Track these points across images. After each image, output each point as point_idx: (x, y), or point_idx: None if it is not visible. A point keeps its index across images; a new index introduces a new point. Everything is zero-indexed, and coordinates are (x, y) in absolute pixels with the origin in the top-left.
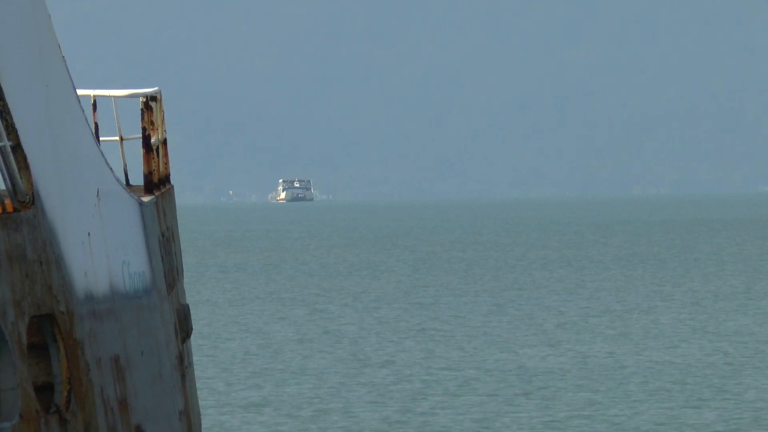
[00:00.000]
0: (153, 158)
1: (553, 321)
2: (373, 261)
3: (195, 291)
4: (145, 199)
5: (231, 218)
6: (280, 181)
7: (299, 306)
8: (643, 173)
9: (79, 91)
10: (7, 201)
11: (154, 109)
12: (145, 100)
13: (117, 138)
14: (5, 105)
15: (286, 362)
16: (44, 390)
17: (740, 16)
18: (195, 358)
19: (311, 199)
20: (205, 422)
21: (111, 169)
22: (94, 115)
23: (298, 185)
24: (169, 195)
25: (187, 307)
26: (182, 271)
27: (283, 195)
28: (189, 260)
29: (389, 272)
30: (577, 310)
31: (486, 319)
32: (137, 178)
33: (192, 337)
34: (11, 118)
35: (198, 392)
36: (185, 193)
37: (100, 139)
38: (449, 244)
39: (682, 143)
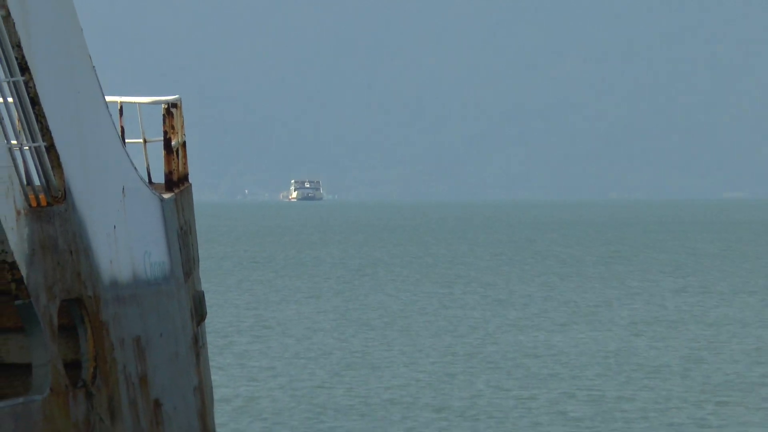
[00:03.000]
0: (173, 159)
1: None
2: (386, 254)
3: (211, 279)
4: (166, 195)
5: (251, 214)
6: (292, 181)
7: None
8: (619, 179)
9: (107, 98)
10: (41, 196)
11: (174, 115)
12: (166, 106)
13: (141, 140)
14: (41, 109)
15: (298, 343)
16: (72, 366)
17: (708, 37)
18: (208, 339)
19: (320, 199)
20: (217, 396)
21: (135, 168)
22: (120, 119)
23: (308, 185)
24: (188, 192)
25: (202, 293)
26: (198, 260)
27: (294, 194)
28: (216, 251)
29: (389, 265)
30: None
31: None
32: (159, 177)
33: (206, 320)
34: (46, 121)
35: (210, 369)
36: (202, 191)
37: (126, 141)
38: (449, 241)
39: (655, 153)
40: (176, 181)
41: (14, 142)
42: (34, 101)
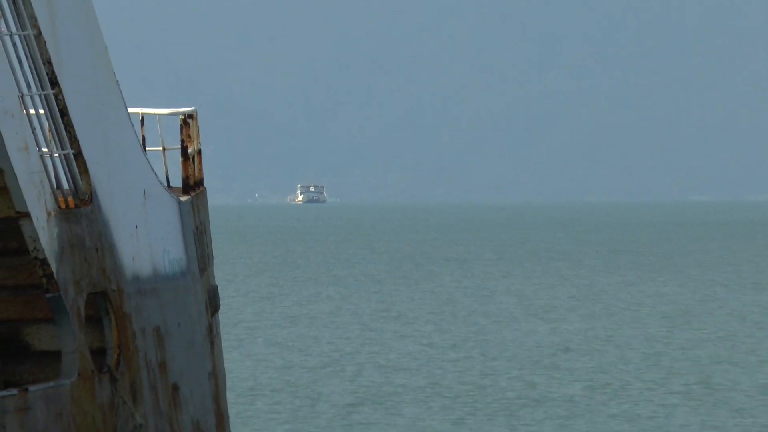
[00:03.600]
0: (189, 165)
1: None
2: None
3: (226, 274)
4: (183, 198)
5: (261, 216)
6: (299, 185)
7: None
8: (597, 183)
9: (130, 110)
10: (70, 199)
11: (190, 125)
12: (183, 117)
13: (160, 148)
14: (69, 120)
15: (306, 333)
16: (98, 354)
17: (677, 56)
18: (222, 329)
19: (324, 202)
20: (229, 381)
21: (155, 173)
22: (141, 129)
23: (313, 189)
24: (203, 195)
25: (216, 287)
26: (212, 257)
27: (300, 197)
28: (228, 249)
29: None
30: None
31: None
32: (176, 181)
33: (219, 312)
34: (74, 130)
35: (223, 356)
36: (216, 195)
37: (146, 148)
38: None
39: (630, 158)
40: (192, 185)
41: (45, 149)
42: (63, 112)
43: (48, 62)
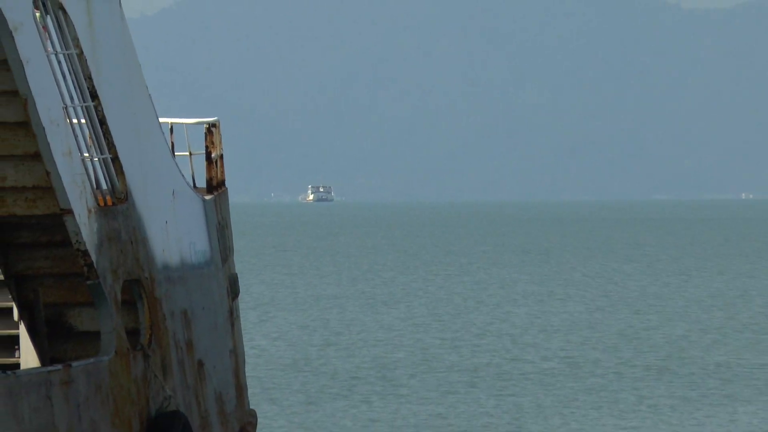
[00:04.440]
0: (213, 168)
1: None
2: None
3: (244, 263)
4: (207, 197)
5: (276, 213)
6: (309, 186)
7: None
8: (571, 183)
9: (160, 119)
10: (108, 197)
11: (214, 133)
12: (207, 126)
13: (187, 153)
14: (107, 128)
15: (317, 315)
16: (132, 334)
17: (640, 69)
18: (240, 312)
19: (331, 200)
20: (247, 358)
21: (182, 175)
22: (171, 136)
23: (322, 189)
24: (224, 195)
25: (236, 275)
26: (232, 249)
27: (311, 196)
28: (246, 242)
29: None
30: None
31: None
32: (201, 182)
33: (239, 297)
34: (111, 137)
35: (242, 336)
36: (236, 194)
37: (175, 153)
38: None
39: (599, 161)
40: (215, 186)
41: (86, 154)
42: (102, 121)
43: (88, 78)
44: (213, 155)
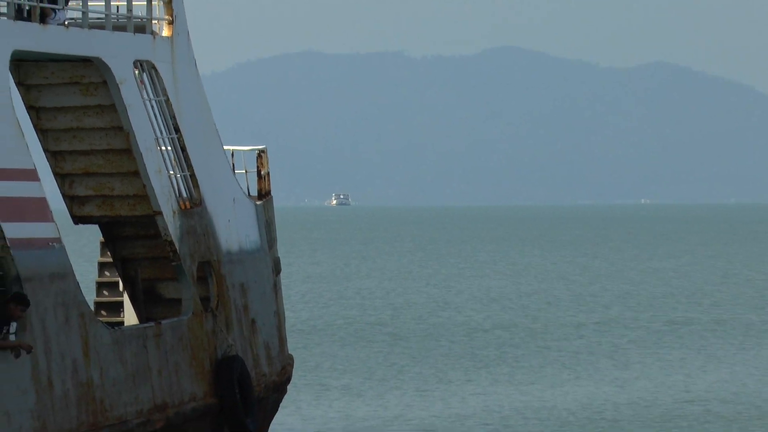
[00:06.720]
0: (262, 181)
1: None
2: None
3: (288, 250)
4: (258, 202)
5: (307, 214)
6: (333, 193)
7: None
8: (518, 191)
9: (225, 147)
10: (187, 202)
11: (263, 157)
12: (258, 151)
13: (244, 171)
14: (187, 153)
15: (344, 287)
16: (205, 300)
17: (594, 97)
18: (282, 284)
19: (349, 204)
20: (287, 319)
21: (240, 186)
22: (232, 159)
23: (342, 196)
24: (270, 201)
25: (279, 258)
26: (276, 239)
27: (334, 201)
28: (288, 235)
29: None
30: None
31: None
32: (254, 192)
33: (281, 273)
34: (189, 160)
35: (283, 302)
36: (279, 200)
37: (235, 171)
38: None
39: (540, 172)
40: (264, 194)
41: (171, 172)
42: (183, 148)
43: (173, 117)
44: (262, 172)
